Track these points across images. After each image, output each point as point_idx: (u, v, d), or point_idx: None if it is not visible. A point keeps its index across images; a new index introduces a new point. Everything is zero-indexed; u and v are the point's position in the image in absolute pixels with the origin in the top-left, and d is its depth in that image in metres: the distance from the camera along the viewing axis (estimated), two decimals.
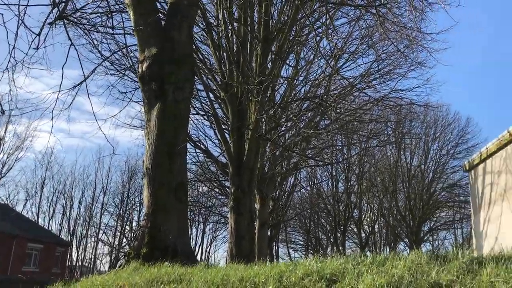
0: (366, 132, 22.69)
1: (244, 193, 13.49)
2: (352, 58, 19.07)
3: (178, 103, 8.64)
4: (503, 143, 15.08)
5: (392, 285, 4.34)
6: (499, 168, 15.63)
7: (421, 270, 4.80)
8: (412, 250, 5.63)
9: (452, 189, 30.09)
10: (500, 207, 15.39)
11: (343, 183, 28.75)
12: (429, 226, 31.41)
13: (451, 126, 29.42)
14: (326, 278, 4.89)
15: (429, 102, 20.35)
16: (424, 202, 28.01)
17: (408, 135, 26.56)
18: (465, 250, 6.34)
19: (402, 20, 13.55)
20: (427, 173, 29.06)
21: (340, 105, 18.45)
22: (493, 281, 4.27)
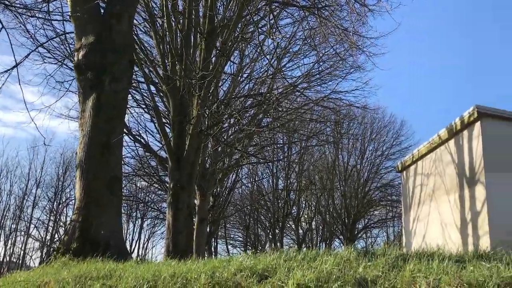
0: (306, 131, 23.19)
1: (183, 189, 13.35)
2: (295, 58, 19.43)
3: (115, 94, 8.40)
4: (433, 146, 15.95)
5: (320, 280, 4.46)
6: (429, 170, 16.51)
7: (350, 266, 4.98)
8: (346, 247, 5.83)
9: (386, 189, 31.39)
10: (428, 207, 16.26)
11: (283, 180, 29.21)
12: (363, 223, 32.60)
13: (386, 128, 30.69)
14: (258, 273, 4.95)
15: (367, 104, 21.10)
16: (359, 200, 29.02)
17: (346, 136, 27.45)
18: (395, 247, 6.66)
19: (344, 24, 13.94)
20: (362, 172, 30.13)
21: (283, 103, 18.75)
22: (415, 276, 4.50)
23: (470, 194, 13.26)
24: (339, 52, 17.09)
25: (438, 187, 15.50)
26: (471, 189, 13.22)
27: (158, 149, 18.62)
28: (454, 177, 14.35)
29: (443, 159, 15.29)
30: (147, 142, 18.69)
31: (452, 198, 14.33)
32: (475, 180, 13.07)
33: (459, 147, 14.26)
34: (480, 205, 12.76)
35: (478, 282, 4.20)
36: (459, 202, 13.93)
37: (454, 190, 14.25)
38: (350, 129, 28.16)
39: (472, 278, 4.29)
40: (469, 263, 5.04)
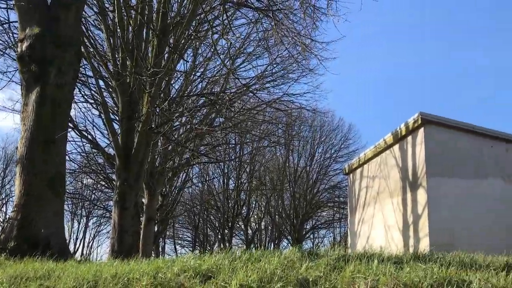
0: (258, 132, 23.32)
1: (131, 187, 13.06)
2: (249, 59, 19.50)
3: (60, 88, 8.09)
4: (379, 150, 16.47)
5: (263, 280, 4.51)
6: (374, 173, 17.03)
7: (293, 267, 5.06)
8: (293, 247, 5.92)
9: (333, 191, 32.16)
10: (373, 209, 16.78)
11: (234, 180, 29.28)
12: (311, 224, 33.22)
13: (335, 132, 31.41)
14: (202, 274, 4.93)
15: (317, 108, 21.51)
16: (307, 201, 29.52)
17: (296, 138, 27.83)
18: (341, 248, 6.82)
19: (297, 27, 14.13)
20: (311, 174, 30.68)
21: (235, 104, 18.77)
22: (354, 277, 4.63)
23: (412, 197, 13.79)
24: (292, 55, 17.32)
25: (383, 190, 16.03)
26: (414, 192, 13.75)
27: (106, 146, 18.13)
28: (398, 180, 14.88)
29: (388, 163, 15.82)
30: (95, 139, 18.14)
31: (396, 201, 14.86)
32: (418, 184, 13.61)
33: (403, 152, 14.80)
34: (421, 208, 13.29)
35: (413, 283, 4.39)
36: (402, 205, 14.45)
37: (398, 193, 14.78)
38: (300, 131, 28.64)
39: (408, 279, 4.47)
40: (406, 264, 5.25)
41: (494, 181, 13.48)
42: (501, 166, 13.65)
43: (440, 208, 12.86)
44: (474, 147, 13.68)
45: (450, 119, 13.76)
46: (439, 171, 13.18)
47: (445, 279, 4.49)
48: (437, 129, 13.63)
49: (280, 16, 13.07)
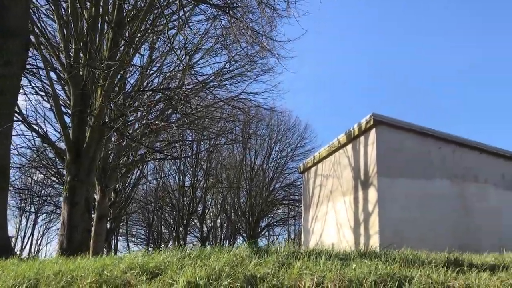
0: (216, 129, 23.23)
1: (81, 183, 12.68)
2: (207, 55, 19.37)
3: (6, 78, 7.75)
4: (333, 150, 16.79)
5: (211, 277, 4.49)
6: (328, 172, 17.34)
7: (242, 264, 5.07)
8: (248, 244, 5.93)
9: (289, 189, 32.54)
10: (326, 207, 17.09)
11: (190, 178, 29.02)
12: (267, 222, 33.47)
13: (292, 131, 31.78)
14: (149, 271, 4.86)
15: (275, 107, 21.67)
16: (263, 199, 29.71)
17: (254, 136, 27.96)
18: (294, 245, 6.89)
19: (255, 26, 14.18)
20: (268, 172, 30.90)
21: (193, 100, 18.59)
22: (302, 273, 4.70)
23: (364, 196, 14.14)
24: (250, 54, 17.37)
25: (336, 188, 16.36)
26: (365, 191, 14.09)
27: (57, 140, 17.51)
28: (350, 179, 15.22)
29: (341, 162, 16.15)
30: (46, 132, 17.47)
31: (348, 199, 15.19)
32: (369, 183, 13.96)
33: (355, 152, 15.14)
34: (372, 207, 13.64)
35: (358, 279, 4.50)
36: (353, 204, 14.79)
37: (350, 192, 15.11)
38: (258, 130, 28.77)
39: (353, 275, 4.58)
40: (353, 261, 5.38)
41: (442, 181, 14.00)
42: (448, 167, 14.19)
43: (390, 207, 13.24)
44: (423, 148, 14.15)
45: (401, 121, 14.18)
46: (389, 171, 13.56)
47: (388, 275, 4.62)
48: (389, 130, 14.01)
49: (239, 14, 13.07)
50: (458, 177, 14.17)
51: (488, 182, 14.44)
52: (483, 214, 13.99)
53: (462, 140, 14.53)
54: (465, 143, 14.55)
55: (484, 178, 14.44)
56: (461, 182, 14.17)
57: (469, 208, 13.96)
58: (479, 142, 14.73)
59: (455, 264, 5.64)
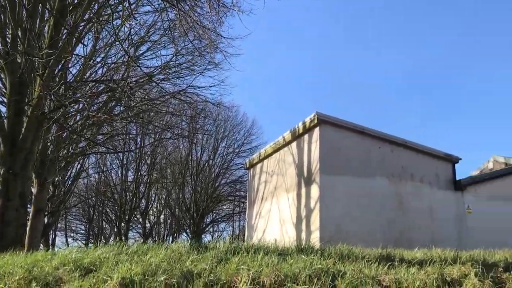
0: (161, 123, 22.84)
1: (16, 175, 12.13)
2: (154, 48, 18.99)
3: None
4: (278, 147, 17.00)
5: (147, 274, 4.45)
6: (272, 169, 17.55)
7: (180, 260, 5.06)
8: (192, 240, 5.90)
9: (235, 185, 32.61)
10: (270, 204, 17.29)
11: (133, 172, 28.39)
12: (211, 218, 33.41)
13: (239, 127, 31.83)
14: (83, 267, 4.74)
15: (222, 102, 21.58)
16: (208, 195, 29.59)
17: (200, 131, 27.75)
18: (238, 241, 6.93)
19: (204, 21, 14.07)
20: (214, 168, 30.81)
21: (137, 93, 18.18)
22: (239, 268, 4.75)
23: (306, 193, 14.43)
24: (198, 48, 17.20)
25: (280, 185, 16.60)
26: (308, 188, 14.39)
27: None
28: (294, 176, 15.48)
29: (285, 160, 16.40)
30: None
31: (291, 196, 15.45)
32: (311, 180, 14.26)
33: (300, 149, 15.42)
34: (314, 203, 13.95)
35: (293, 274, 4.61)
36: (296, 200, 15.06)
37: (293, 188, 15.38)
38: (205, 125, 28.59)
39: (288, 270, 4.68)
40: (290, 257, 5.50)
41: (380, 180, 14.54)
42: (386, 165, 14.75)
43: (330, 204, 13.60)
44: (364, 147, 14.62)
45: (343, 120, 14.56)
46: (331, 168, 13.91)
47: (322, 270, 4.77)
48: (332, 129, 14.35)
49: (186, 8, 12.92)
50: (395, 176, 14.78)
51: (423, 181, 15.16)
52: (417, 212, 14.70)
53: (400, 140, 15.14)
54: (403, 143, 15.17)
55: (420, 177, 15.14)
56: (398, 181, 14.78)
57: (405, 206, 14.60)
58: (416, 142, 15.42)
59: (387, 260, 5.90)
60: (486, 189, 15.91)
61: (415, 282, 4.81)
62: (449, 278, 5.17)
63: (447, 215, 15.12)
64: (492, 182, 16.14)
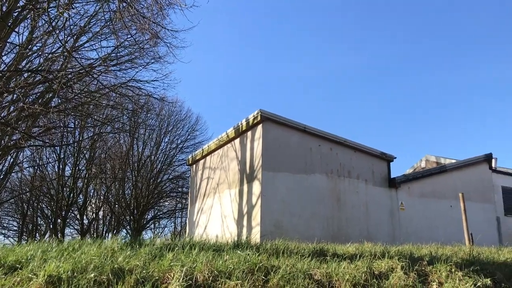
0: (101, 117, 22.13)
1: None
2: (95, 39, 18.35)
3: None
4: (221, 143, 16.99)
5: (76, 271, 4.32)
6: (215, 165, 17.53)
7: (112, 256, 4.95)
8: (132, 237, 5.77)
9: (177, 181, 32.16)
10: (212, 200, 17.26)
11: (71, 167, 27.31)
12: (153, 214, 32.82)
13: (183, 122, 31.39)
14: (7, 265, 4.53)
15: (166, 97, 21.22)
16: (150, 191, 29.02)
17: (142, 126, 27.16)
18: (179, 237, 6.85)
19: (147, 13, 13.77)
20: (156, 163, 30.24)
21: (76, 85, 17.51)
22: (172, 265, 4.72)
23: (248, 189, 14.54)
24: (141, 41, 16.82)
25: (222, 181, 16.60)
26: (250, 184, 14.49)
27: None
28: (237, 173, 15.55)
29: (228, 156, 16.43)
30: None
31: (233, 192, 15.51)
32: (254, 176, 14.38)
33: (243, 146, 15.50)
34: (255, 200, 14.08)
35: (228, 269, 4.64)
36: (238, 196, 15.14)
37: (236, 185, 15.44)
38: (147, 120, 27.99)
39: (223, 266, 4.71)
40: (226, 252, 5.53)
41: (319, 177, 14.90)
42: (326, 163, 15.15)
43: (272, 200, 13.78)
44: (305, 145, 14.93)
45: (286, 118, 14.78)
46: (273, 165, 14.10)
47: (256, 265, 4.83)
48: (274, 126, 14.54)
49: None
50: (334, 173, 15.21)
51: (360, 179, 15.71)
52: (354, 208, 15.22)
53: (339, 138, 15.59)
54: (342, 141, 15.64)
55: (357, 175, 15.67)
56: (336, 178, 15.23)
57: (342, 202, 15.06)
58: (354, 141, 15.94)
59: (320, 254, 6.07)
60: (418, 186, 16.75)
61: (345, 275, 4.99)
62: (377, 271, 5.40)
63: (382, 211, 15.76)
64: (424, 180, 17.01)
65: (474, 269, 5.83)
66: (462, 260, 6.30)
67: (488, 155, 18.61)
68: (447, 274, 5.55)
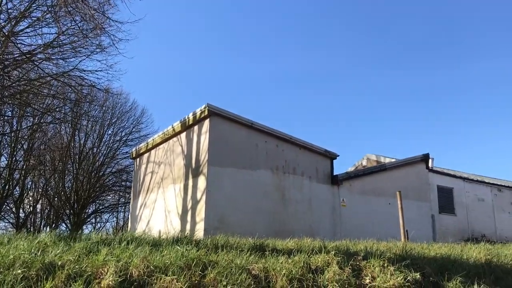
0: (41, 106, 21.18)
1: None
2: (36, 25, 17.52)
3: None
4: (167, 137, 16.75)
5: (2, 266, 4.12)
6: (160, 159, 17.27)
7: (45, 251, 4.76)
8: (72, 231, 5.55)
9: (121, 174, 31.34)
10: (155, 194, 17.00)
11: (7, 157, 25.92)
12: (94, 208, 31.82)
13: (127, 114, 30.56)
14: None
15: (110, 88, 20.61)
16: (91, 184, 28.12)
17: (85, 117, 26.23)
18: (122, 232, 6.67)
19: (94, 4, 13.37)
20: (99, 156, 29.33)
21: (15, 72, 16.68)
22: (107, 260, 4.60)
23: (193, 184, 14.44)
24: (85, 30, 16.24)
25: (167, 176, 16.38)
26: (195, 179, 14.40)
27: None
28: (182, 167, 15.40)
29: (174, 150, 16.23)
30: None
31: (178, 187, 15.35)
32: (199, 171, 14.30)
33: (189, 140, 15.36)
34: (200, 195, 14.01)
35: (164, 265, 4.59)
36: (183, 191, 15.00)
37: (180, 179, 15.29)
38: (90, 110, 27.06)
39: (159, 261, 4.66)
40: (165, 247, 5.47)
41: (265, 172, 15.04)
42: (271, 159, 15.30)
43: (217, 195, 13.77)
44: (251, 141, 15.01)
45: (234, 114, 14.79)
46: (219, 160, 14.08)
47: (193, 260, 4.82)
48: (221, 121, 14.51)
49: None
50: (279, 169, 15.40)
51: (304, 175, 15.99)
52: (298, 204, 15.48)
53: (285, 135, 15.79)
54: (288, 138, 15.85)
55: (301, 171, 15.95)
56: (281, 174, 15.42)
57: (286, 198, 15.28)
58: (299, 138, 16.19)
59: (259, 249, 6.14)
60: (359, 184, 17.30)
61: (282, 270, 5.08)
62: (314, 266, 5.54)
63: (324, 208, 16.14)
64: (365, 178, 17.59)
65: (405, 264, 6.10)
66: (395, 255, 6.57)
67: (425, 155, 19.49)
68: (380, 269, 5.77)
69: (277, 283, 4.96)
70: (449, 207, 20.86)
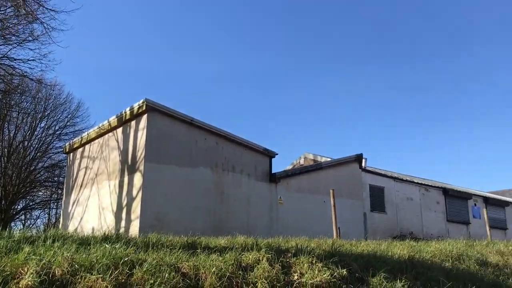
0: None
1: None
2: None
3: None
4: (102, 132, 16.26)
5: None
6: (95, 154, 16.73)
7: None
8: None
9: (54, 169, 29.97)
10: (89, 191, 16.47)
11: None
12: (24, 204, 30.28)
13: (62, 107, 29.27)
14: None
15: (43, 78, 19.69)
16: (21, 179, 26.72)
17: (15, 108, 24.86)
18: (54, 230, 6.40)
19: None
20: (30, 150, 27.91)
21: None
22: (28, 258, 4.43)
23: (129, 180, 14.12)
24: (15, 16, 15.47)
25: (101, 172, 15.91)
26: (131, 176, 14.09)
27: None
28: (118, 163, 15.02)
29: (110, 145, 15.79)
30: None
31: (113, 183, 14.96)
32: (135, 168, 14.00)
33: (126, 136, 15.00)
34: (136, 192, 13.73)
35: (90, 263, 4.49)
36: (118, 188, 14.64)
37: (116, 176, 14.91)
38: (21, 102, 25.68)
39: (85, 260, 4.54)
40: (93, 245, 5.33)
41: (204, 170, 14.98)
42: (211, 156, 15.27)
43: (153, 193, 13.55)
44: (191, 138, 14.89)
45: (173, 110, 14.60)
46: (157, 157, 13.86)
47: (121, 259, 4.74)
48: (160, 117, 14.29)
49: None
50: (219, 166, 15.41)
51: (243, 173, 16.10)
52: (236, 201, 15.56)
53: (224, 133, 15.80)
54: (228, 136, 15.87)
55: (240, 169, 16.04)
56: (221, 171, 15.44)
57: (225, 195, 15.32)
58: (239, 136, 16.27)
59: (191, 247, 6.14)
60: (296, 182, 17.66)
61: (212, 268, 5.11)
62: (245, 263, 5.62)
63: (262, 205, 16.33)
64: (302, 176, 17.98)
65: (333, 261, 6.32)
66: (324, 252, 6.79)
67: (359, 155, 20.22)
68: (309, 265, 5.95)
69: (207, 281, 4.99)
70: (380, 206, 21.78)
